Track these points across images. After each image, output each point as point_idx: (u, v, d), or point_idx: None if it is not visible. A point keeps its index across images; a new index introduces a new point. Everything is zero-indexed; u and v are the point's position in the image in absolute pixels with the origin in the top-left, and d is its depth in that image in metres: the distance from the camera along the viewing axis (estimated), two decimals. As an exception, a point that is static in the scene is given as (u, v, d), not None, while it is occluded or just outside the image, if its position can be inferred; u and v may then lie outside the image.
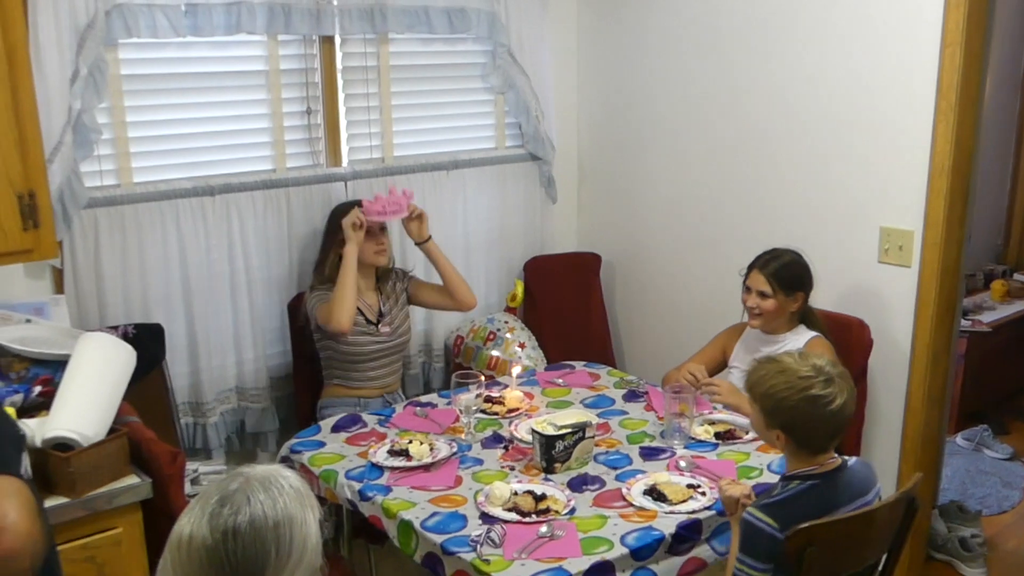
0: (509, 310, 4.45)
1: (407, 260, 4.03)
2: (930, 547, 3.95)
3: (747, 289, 3.39)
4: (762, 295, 3.33)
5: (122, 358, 2.83)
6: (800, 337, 3.35)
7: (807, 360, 2.35)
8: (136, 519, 2.65)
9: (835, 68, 3.66)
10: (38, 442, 2.53)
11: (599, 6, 4.61)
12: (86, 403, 2.62)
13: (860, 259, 3.68)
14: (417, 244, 3.81)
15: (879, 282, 3.64)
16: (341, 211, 3.64)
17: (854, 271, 3.70)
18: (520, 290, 4.42)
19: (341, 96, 3.97)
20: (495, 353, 4.20)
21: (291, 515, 1.50)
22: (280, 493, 1.52)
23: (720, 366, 3.61)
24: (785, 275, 3.33)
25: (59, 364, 2.79)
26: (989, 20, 3.38)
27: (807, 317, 3.42)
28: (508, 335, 4.26)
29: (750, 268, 3.40)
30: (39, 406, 2.73)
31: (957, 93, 3.32)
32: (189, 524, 1.49)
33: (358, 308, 3.61)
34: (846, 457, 2.42)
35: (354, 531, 3.38)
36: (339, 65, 3.94)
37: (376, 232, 3.67)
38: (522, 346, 4.24)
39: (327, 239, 3.69)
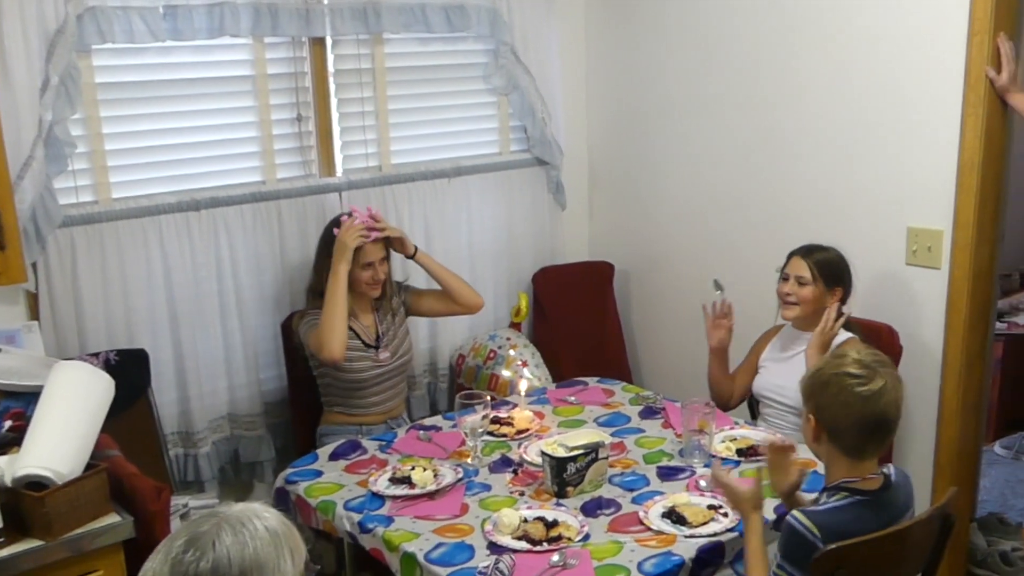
0: (514, 325, 4.40)
1: (407, 270, 3.98)
2: (970, 563, 3.92)
3: (784, 278, 3.42)
4: (800, 281, 3.36)
5: (99, 388, 2.80)
6: (836, 339, 3.33)
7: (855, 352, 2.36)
8: (118, 560, 2.61)
9: (857, 61, 3.64)
10: (8, 481, 2.50)
11: None
12: (61, 437, 2.59)
13: (887, 262, 3.67)
14: (409, 259, 3.76)
15: (907, 285, 3.63)
16: (336, 226, 3.59)
17: (881, 274, 3.69)
18: (524, 304, 4.37)
19: (333, 101, 3.94)
20: (497, 372, 4.14)
21: (261, 562, 1.45)
22: (252, 536, 1.47)
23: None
24: (827, 265, 3.37)
25: (32, 396, 2.76)
26: (1020, 6, 3.35)
27: (846, 322, 3.40)
28: (511, 352, 4.21)
29: (790, 256, 3.43)
30: (10, 442, 2.70)
31: (986, 85, 3.30)
32: (152, 569, 1.44)
33: (354, 331, 3.57)
34: (888, 471, 2.38)
35: (357, 565, 3.32)
36: (331, 68, 3.91)
37: (375, 263, 3.58)
38: (524, 364, 4.18)
39: (320, 257, 3.64)
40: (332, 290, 3.46)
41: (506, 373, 4.13)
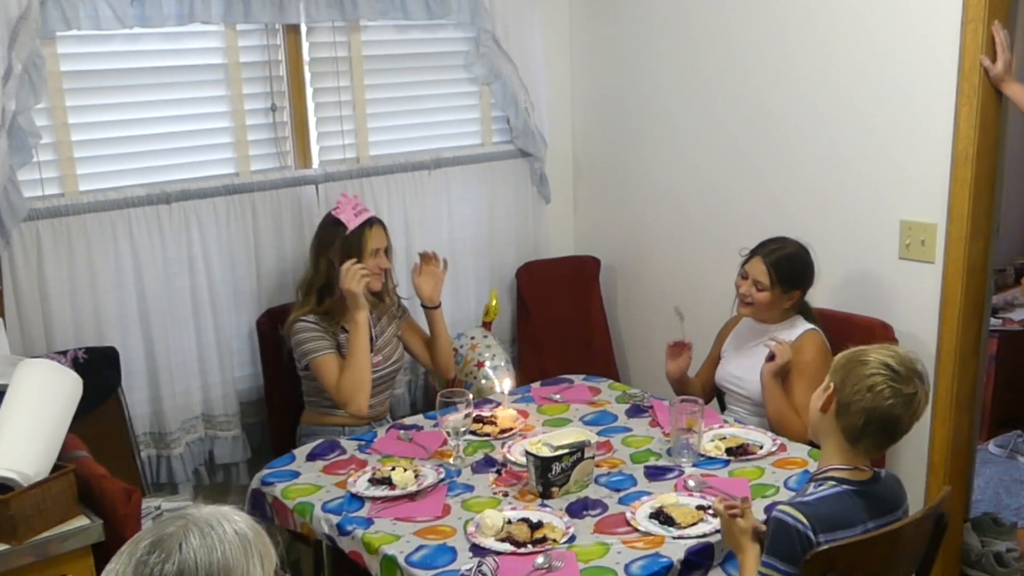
0: (485, 325, 4.36)
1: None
2: (963, 564, 3.94)
3: (743, 275, 3.47)
4: (757, 285, 3.41)
5: (66, 386, 2.78)
6: (794, 330, 3.44)
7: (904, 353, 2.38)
8: (87, 565, 2.60)
9: (849, 49, 3.64)
10: (-29, 484, 2.48)
11: (591, -14, 4.59)
12: (26, 438, 2.57)
13: (879, 256, 3.67)
14: (425, 308, 3.76)
15: (900, 280, 3.64)
16: (332, 220, 3.57)
17: (873, 269, 3.70)
18: (495, 301, 4.31)
19: (309, 91, 3.93)
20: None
21: (229, 566, 1.42)
22: (220, 539, 1.44)
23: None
24: (787, 269, 3.41)
25: (-5, 395, 2.73)
26: (1014, -9, 3.37)
27: (805, 310, 3.50)
28: (470, 352, 4.18)
29: (752, 253, 3.48)
30: (-28, 444, 2.67)
31: (980, 74, 3.30)
32: (115, 570, 1.42)
33: (347, 332, 3.54)
34: (878, 469, 2.42)
35: (336, 569, 3.31)
36: (306, 57, 3.90)
37: (380, 250, 3.58)
38: (480, 365, 4.13)
39: (317, 254, 3.60)
40: (356, 343, 3.46)
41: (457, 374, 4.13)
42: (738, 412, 3.55)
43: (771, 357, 3.32)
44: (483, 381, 4.05)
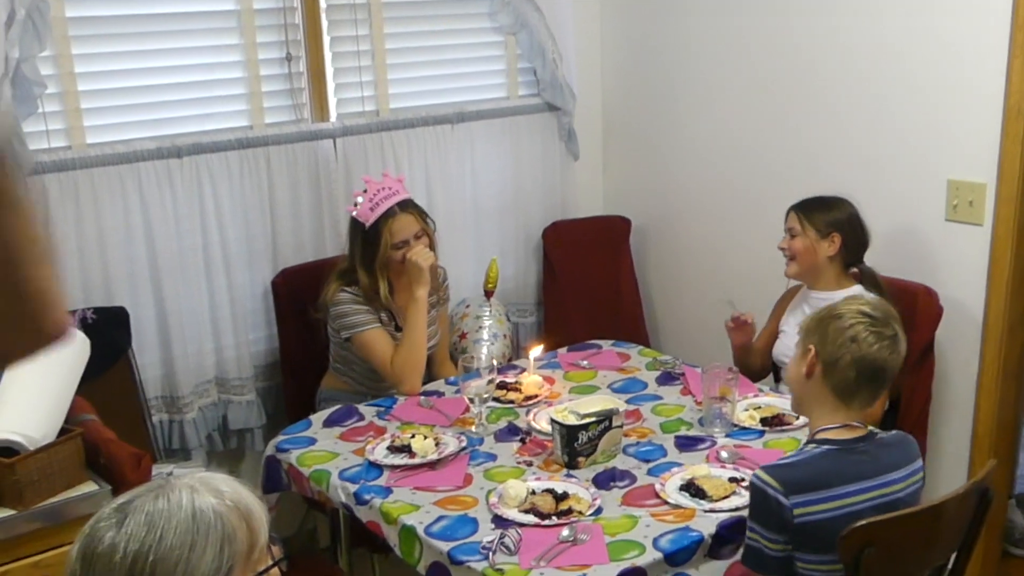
0: (487, 293, 4.30)
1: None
2: (1007, 542, 3.96)
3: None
4: (791, 233, 3.45)
5: (73, 347, 2.79)
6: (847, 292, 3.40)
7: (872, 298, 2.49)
8: (95, 533, 2.61)
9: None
10: (-25, 447, 2.51)
11: (623, -70, 4.55)
12: (32, 401, 2.60)
13: (925, 217, 3.66)
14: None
15: (947, 243, 3.62)
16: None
17: (918, 231, 3.68)
18: (495, 270, 4.09)
19: (326, 40, 3.92)
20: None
21: (162, 549, 1.36)
22: (167, 517, 1.38)
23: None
24: (816, 207, 3.44)
25: (-1, 357, 2.74)
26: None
27: (868, 279, 3.44)
28: (459, 323, 4.16)
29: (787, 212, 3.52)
30: (-24, 407, 2.70)
31: (1036, 23, 3.27)
32: (81, 532, 1.40)
33: (390, 312, 3.55)
34: (878, 430, 2.46)
35: (354, 539, 3.34)
36: (323, 3, 3.89)
37: (410, 239, 3.52)
38: (463, 336, 4.11)
39: (348, 245, 3.57)
40: (414, 321, 3.44)
41: None
42: None
43: None
44: (460, 353, 4.00)
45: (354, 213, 3.49)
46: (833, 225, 3.39)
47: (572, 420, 2.84)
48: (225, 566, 1.39)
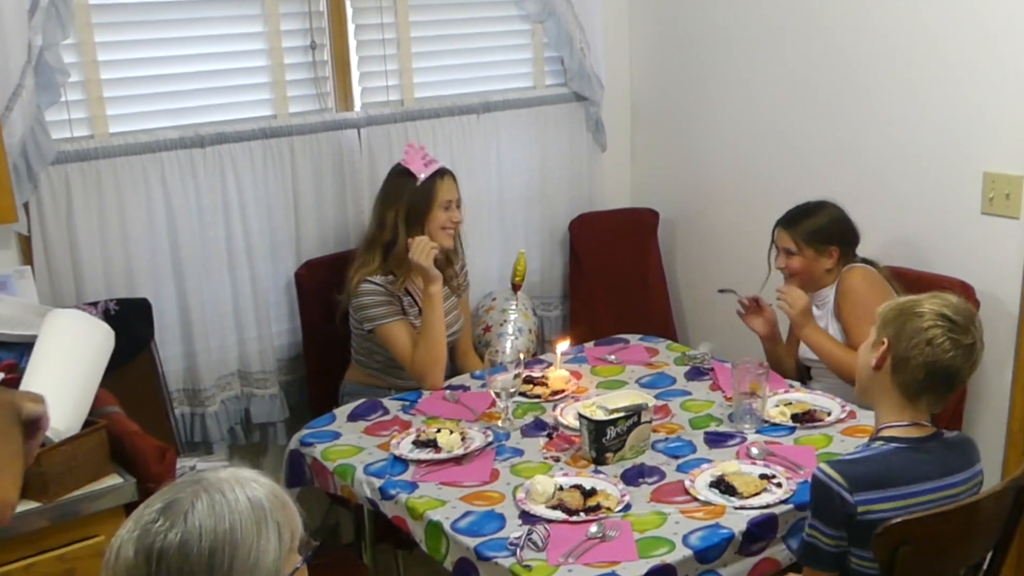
0: (514, 287, 4.30)
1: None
2: (1044, 542, 3.90)
3: (776, 249, 3.56)
4: (788, 252, 3.49)
5: (97, 338, 2.81)
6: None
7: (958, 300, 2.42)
8: (120, 525, 2.60)
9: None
10: (1, 437, 2.51)
11: (653, -84, 4.54)
12: (57, 391, 2.57)
13: (960, 211, 3.64)
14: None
15: (982, 237, 3.61)
16: (400, 171, 3.59)
17: (953, 224, 3.67)
18: (522, 264, 4.07)
19: (351, 28, 3.92)
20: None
21: (236, 539, 1.41)
22: (231, 509, 1.42)
23: None
24: (809, 227, 3.48)
25: (24, 346, 2.77)
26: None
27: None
28: (484, 316, 4.18)
29: (776, 225, 3.56)
30: (1, 395, 2.70)
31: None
32: (120, 537, 1.42)
33: (412, 297, 3.56)
34: (942, 429, 2.44)
35: (378, 534, 3.36)
36: (348, -9, 3.90)
37: (452, 203, 3.59)
38: (487, 329, 4.13)
39: (384, 208, 3.60)
40: (430, 316, 3.45)
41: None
42: (825, 382, 3.53)
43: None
44: (484, 347, 4.01)
45: (412, 167, 3.51)
46: (826, 238, 3.46)
47: (600, 415, 2.85)
48: (284, 551, 1.46)
